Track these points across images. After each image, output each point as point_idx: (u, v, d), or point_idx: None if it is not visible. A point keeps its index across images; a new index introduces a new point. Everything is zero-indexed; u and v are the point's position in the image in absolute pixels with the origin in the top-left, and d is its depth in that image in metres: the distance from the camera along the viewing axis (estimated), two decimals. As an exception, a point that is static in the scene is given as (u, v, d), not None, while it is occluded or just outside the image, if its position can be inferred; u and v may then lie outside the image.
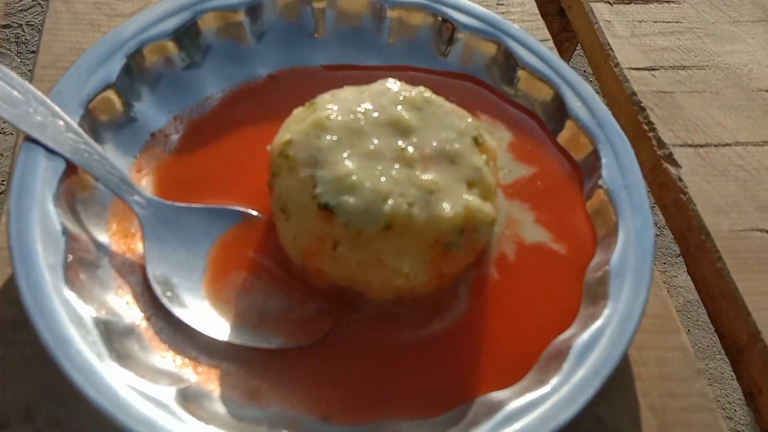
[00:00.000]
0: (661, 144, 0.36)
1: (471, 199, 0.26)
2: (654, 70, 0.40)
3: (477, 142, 0.27)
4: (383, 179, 0.25)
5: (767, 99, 0.39)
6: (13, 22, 0.99)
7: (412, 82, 0.30)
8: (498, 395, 0.24)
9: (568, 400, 0.23)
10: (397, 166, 0.26)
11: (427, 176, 0.25)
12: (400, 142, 0.26)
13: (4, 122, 0.92)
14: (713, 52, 0.42)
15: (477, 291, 0.27)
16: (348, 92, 0.28)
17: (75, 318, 0.23)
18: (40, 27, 0.38)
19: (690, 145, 0.36)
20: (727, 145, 0.37)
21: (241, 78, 0.33)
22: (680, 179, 0.34)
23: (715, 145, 0.36)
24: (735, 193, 0.34)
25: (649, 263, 0.27)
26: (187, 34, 0.32)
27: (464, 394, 0.25)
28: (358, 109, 0.27)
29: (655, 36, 0.42)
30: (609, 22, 0.42)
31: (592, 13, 0.42)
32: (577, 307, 0.27)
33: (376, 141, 0.26)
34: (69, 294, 0.23)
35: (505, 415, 0.23)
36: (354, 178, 0.25)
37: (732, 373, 0.30)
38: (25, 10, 1.03)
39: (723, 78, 0.40)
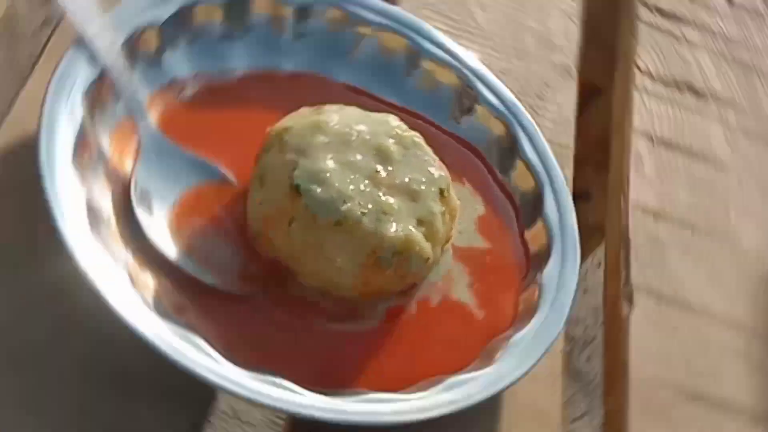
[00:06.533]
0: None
1: (415, 232, 0.45)
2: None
3: (442, 194, 0.46)
4: (351, 187, 0.43)
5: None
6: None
7: (417, 129, 0.50)
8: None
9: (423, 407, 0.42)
10: (366, 182, 0.44)
11: (386, 199, 0.44)
12: (378, 166, 0.45)
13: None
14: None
15: (392, 315, 0.45)
16: (354, 111, 0.47)
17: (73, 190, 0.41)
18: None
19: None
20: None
21: (268, 64, 0.52)
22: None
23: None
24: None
25: (545, 347, 0.45)
26: (236, 8, 0.52)
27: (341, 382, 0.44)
28: (356, 127, 0.45)
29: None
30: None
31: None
32: (471, 360, 0.45)
33: (358, 156, 0.45)
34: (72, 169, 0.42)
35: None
36: (327, 175, 0.43)
37: None
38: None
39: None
